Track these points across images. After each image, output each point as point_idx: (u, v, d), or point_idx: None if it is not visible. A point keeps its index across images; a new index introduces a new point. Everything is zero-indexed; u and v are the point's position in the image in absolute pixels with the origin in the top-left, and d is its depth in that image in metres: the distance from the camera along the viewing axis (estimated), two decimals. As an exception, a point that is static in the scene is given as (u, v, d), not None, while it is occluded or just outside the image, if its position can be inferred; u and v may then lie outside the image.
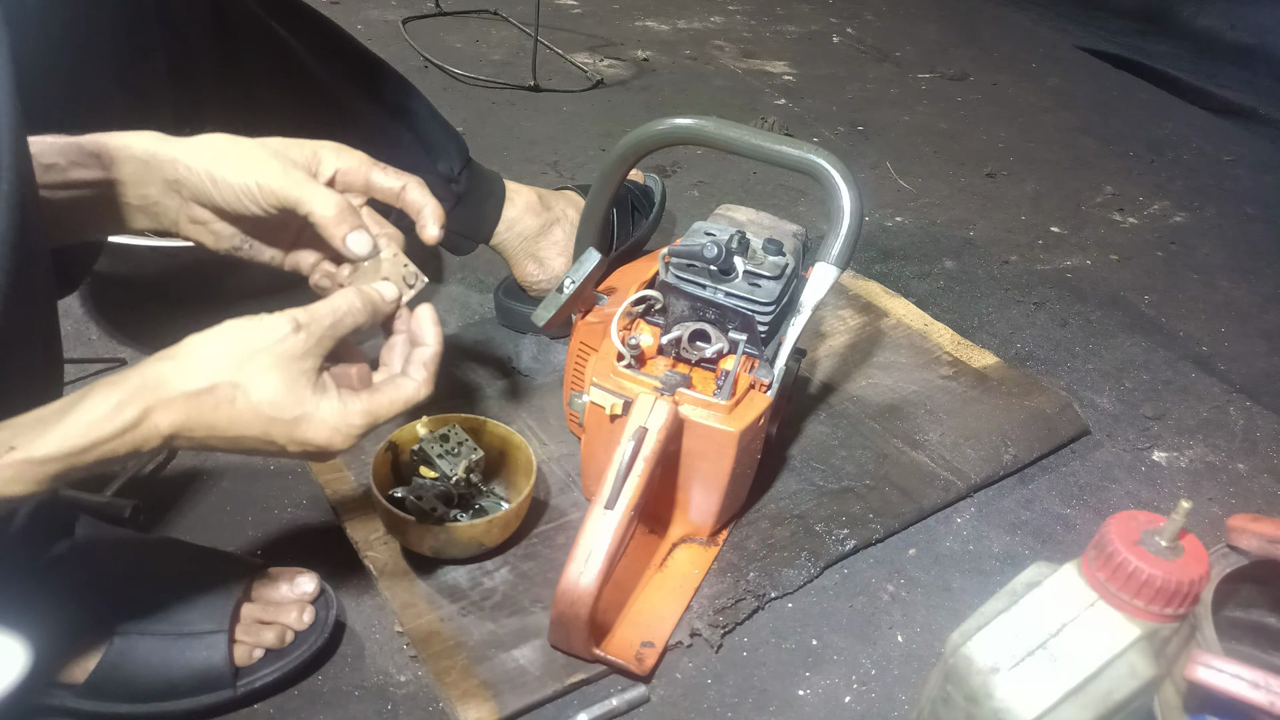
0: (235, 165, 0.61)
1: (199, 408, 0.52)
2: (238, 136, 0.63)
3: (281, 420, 0.54)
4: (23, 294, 0.48)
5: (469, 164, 1.04)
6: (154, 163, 0.61)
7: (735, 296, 0.78)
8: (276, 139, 0.64)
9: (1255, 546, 0.61)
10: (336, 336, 0.58)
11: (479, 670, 0.71)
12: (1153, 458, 1.03)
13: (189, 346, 0.54)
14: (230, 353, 0.53)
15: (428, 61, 1.82)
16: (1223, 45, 2.65)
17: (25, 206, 0.46)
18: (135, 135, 0.61)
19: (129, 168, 0.61)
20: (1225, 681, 0.52)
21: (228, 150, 0.62)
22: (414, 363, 0.63)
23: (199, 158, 0.61)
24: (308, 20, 0.95)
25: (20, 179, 0.45)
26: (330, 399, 0.56)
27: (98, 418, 0.49)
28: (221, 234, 0.65)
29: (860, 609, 0.82)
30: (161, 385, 0.51)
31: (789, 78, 2.04)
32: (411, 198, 0.69)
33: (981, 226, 1.50)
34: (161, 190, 0.62)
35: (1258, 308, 1.36)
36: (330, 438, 0.56)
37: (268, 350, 0.54)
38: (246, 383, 0.53)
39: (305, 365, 0.55)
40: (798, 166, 0.79)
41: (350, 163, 0.67)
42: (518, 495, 0.81)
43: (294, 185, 0.62)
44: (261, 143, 0.63)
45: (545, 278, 1.08)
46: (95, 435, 0.48)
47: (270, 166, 0.62)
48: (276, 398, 0.54)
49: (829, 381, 1.05)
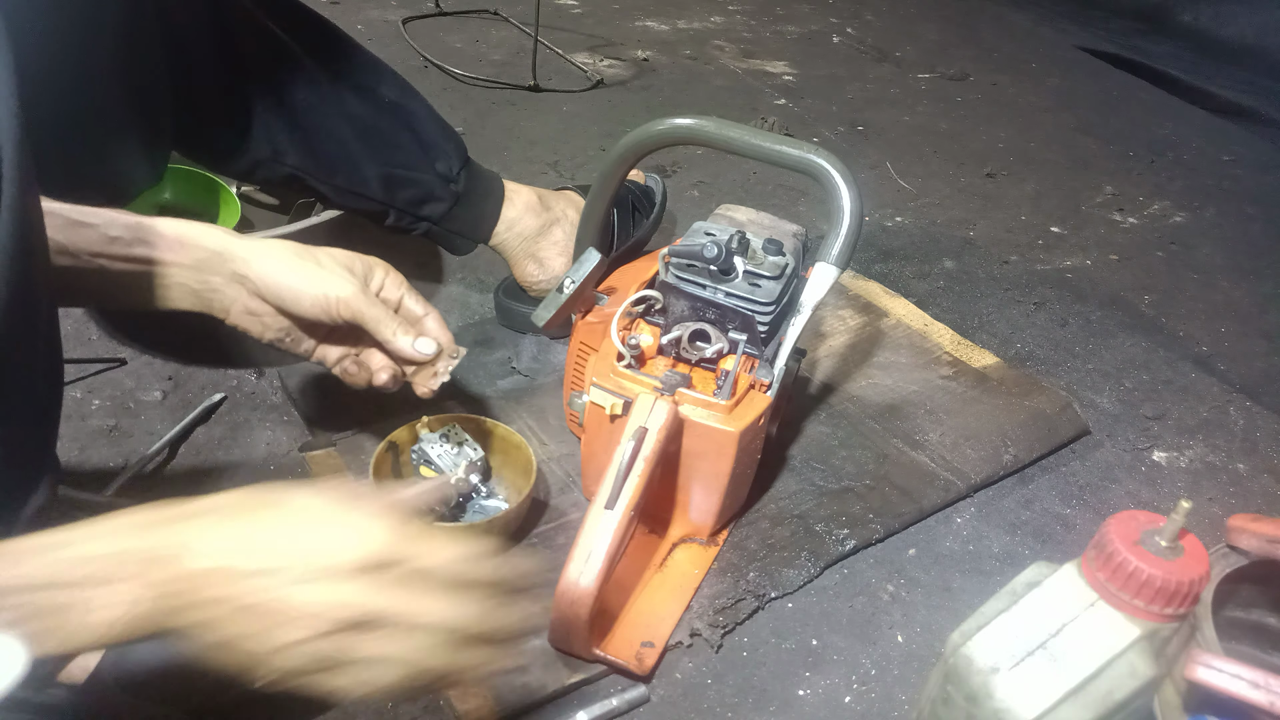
0: (309, 276, 0.67)
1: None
2: (305, 245, 0.69)
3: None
4: (24, 302, 0.48)
5: (468, 164, 1.04)
6: (226, 255, 0.66)
7: (735, 296, 0.78)
8: (339, 251, 0.70)
9: (1255, 546, 0.61)
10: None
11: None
12: (1153, 458, 1.03)
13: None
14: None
15: (428, 61, 1.82)
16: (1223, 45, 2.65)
17: (27, 217, 0.46)
18: (208, 229, 0.66)
19: (198, 255, 0.66)
20: (1225, 681, 0.52)
21: (301, 260, 0.67)
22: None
23: (274, 262, 0.67)
24: (305, 20, 0.95)
25: (22, 189, 0.45)
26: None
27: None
28: (270, 326, 0.70)
29: (860, 609, 0.82)
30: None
31: (789, 78, 2.04)
32: (427, 328, 0.75)
33: (981, 226, 1.50)
34: (226, 281, 0.67)
35: (1258, 308, 1.36)
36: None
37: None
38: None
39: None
40: (798, 166, 0.79)
41: (394, 281, 0.74)
42: (518, 495, 0.81)
43: (368, 305, 0.69)
44: (330, 254, 0.69)
45: (545, 278, 1.08)
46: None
47: (344, 283, 0.68)
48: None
49: (829, 381, 1.05)
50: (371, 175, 0.98)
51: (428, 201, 1.02)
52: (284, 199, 1.26)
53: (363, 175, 0.98)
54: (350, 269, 0.70)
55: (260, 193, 1.29)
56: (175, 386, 0.98)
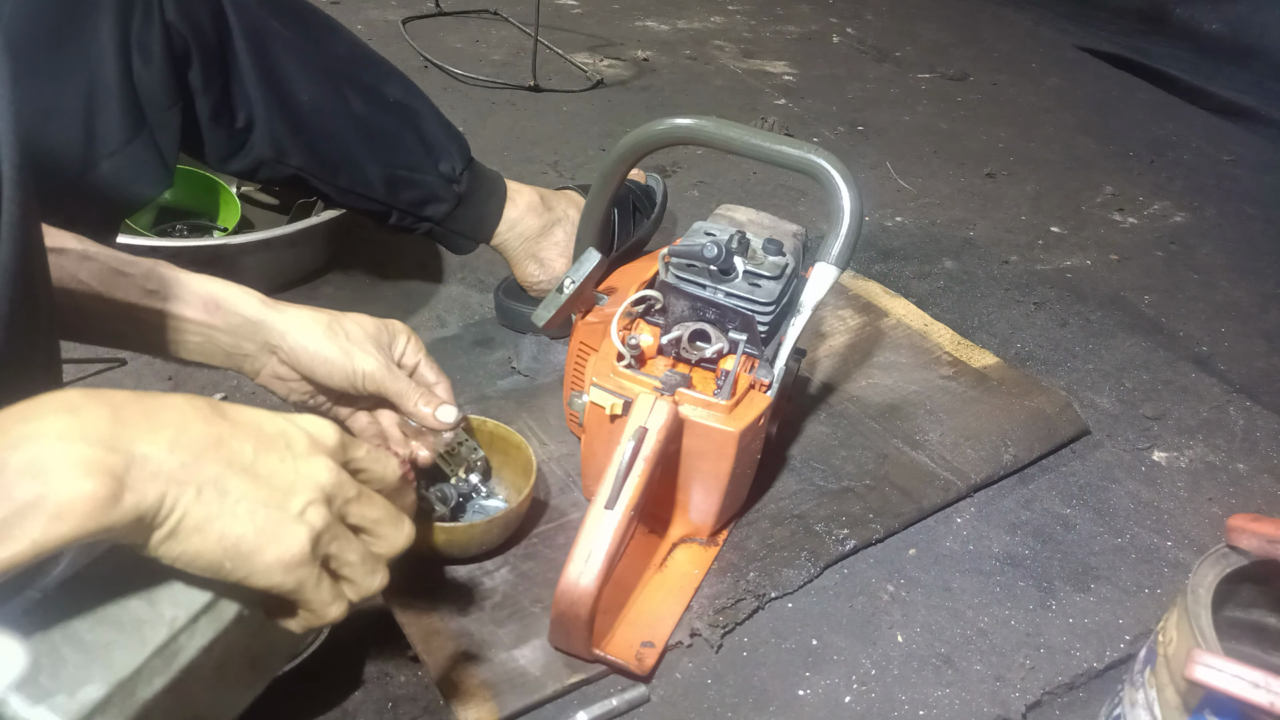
0: (338, 351, 0.70)
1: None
2: (334, 317, 0.71)
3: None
4: (25, 320, 0.48)
5: (471, 164, 1.04)
6: (261, 326, 0.69)
7: (735, 296, 0.78)
8: (366, 319, 0.73)
9: (1255, 546, 0.61)
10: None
11: (479, 670, 0.72)
12: (1153, 458, 1.03)
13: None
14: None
15: (428, 61, 1.82)
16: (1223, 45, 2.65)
17: (28, 234, 0.46)
18: (243, 294, 0.69)
19: (233, 321, 0.68)
20: (1225, 681, 0.52)
21: (332, 335, 0.70)
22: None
23: (306, 337, 0.69)
24: (311, 20, 0.95)
25: (22, 207, 0.45)
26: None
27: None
28: (296, 390, 0.73)
29: (860, 609, 0.82)
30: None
31: (789, 78, 2.04)
32: (439, 392, 0.77)
33: (981, 226, 1.50)
34: (259, 348, 0.70)
35: (1258, 308, 1.36)
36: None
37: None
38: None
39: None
40: (798, 166, 0.80)
41: (414, 347, 0.76)
42: (518, 495, 0.81)
43: (393, 380, 0.71)
44: (358, 323, 0.72)
45: (546, 278, 1.08)
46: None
47: (370, 359, 0.71)
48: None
49: (829, 381, 1.05)
50: (375, 176, 0.99)
51: (430, 202, 1.02)
52: (286, 199, 1.26)
53: (366, 176, 0.98)
54: (377, 341, 0.73)
55: (261, 192, 1.29)
56: (175, 387, 0.98)
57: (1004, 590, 0.85)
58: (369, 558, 0.49)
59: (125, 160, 0.82)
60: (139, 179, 0.84)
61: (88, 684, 0.40)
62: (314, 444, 0.47)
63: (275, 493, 0.44)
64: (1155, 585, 0.87)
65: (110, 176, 0.81)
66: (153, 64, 0.81)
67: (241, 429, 0.45)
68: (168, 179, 0.86)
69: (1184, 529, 0.94)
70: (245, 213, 1.23)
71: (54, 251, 0.61)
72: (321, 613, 0.48)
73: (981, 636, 0.80)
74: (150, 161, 0.84)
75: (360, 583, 0.49)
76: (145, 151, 0.83)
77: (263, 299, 0.70)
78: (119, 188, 0.83)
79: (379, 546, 0.50)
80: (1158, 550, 0.91)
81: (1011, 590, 0.85)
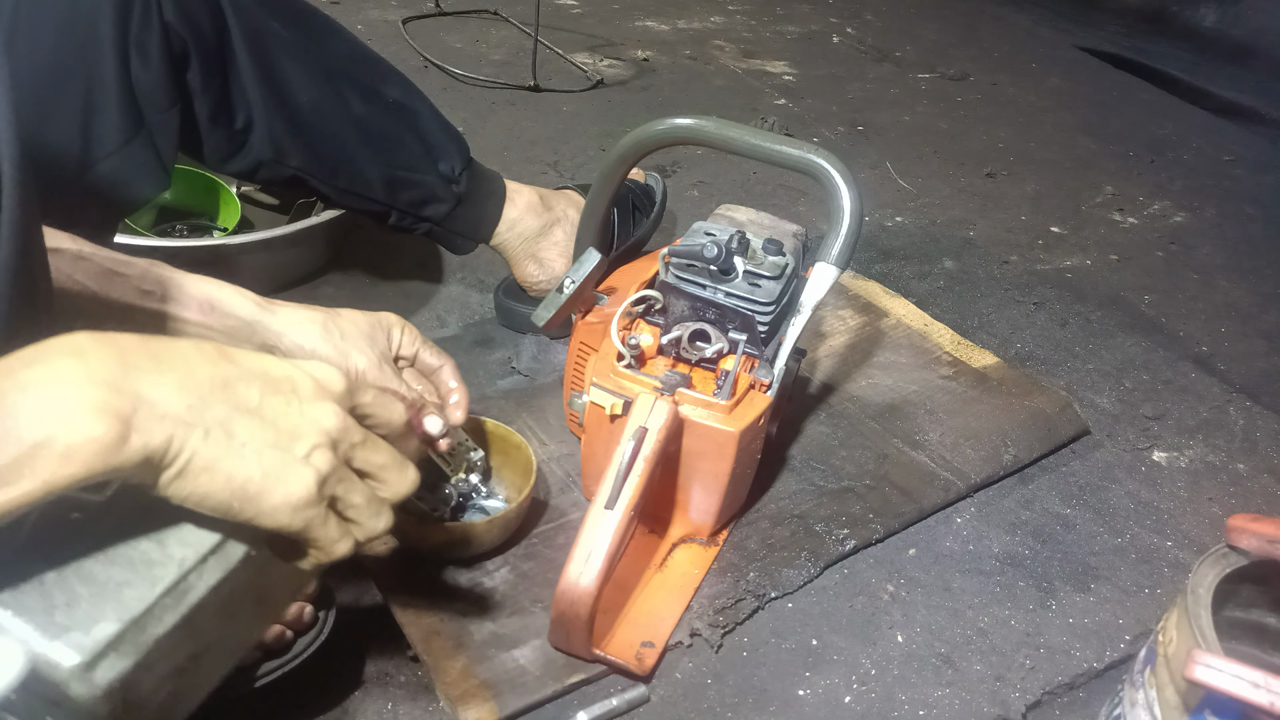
0: (334, 349, 0.71)
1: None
2: (329, 316, 0.72)
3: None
4: (26, 318, 0.48)
5: (470, 164, 1.04)
6: (259, 327, 0.70)
7: (735, 296, 0.78)
8: (360, 316, 0.74)
9: (1255, 546, 0.61)
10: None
11: (479, 670, 0.72)
12: (1153, 458, 1.03)
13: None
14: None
15: (428, 61, 1.82)
16: (1223, 45, 2.65)
17: (28, 233, 0.46)
18: (239, 296, 0.70)
19: (230, 323, 0.69)
20: (1225, 681, 0.52)
21: (327, 335, 0.71)
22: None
23: (302, 336, 0.70)
24: (310, 20, 0.95)
25: (22, 206, 0.45)
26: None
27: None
28: None
29: (860, 609, 0.82)
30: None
31: (789, 78, 2.04)
32: (444, 378, 0.79)
33: (981, 226, 1.50)
34: (256, 349, 0.70)
35: (1258, 308, 1.36)
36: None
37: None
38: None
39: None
40: (798, 166, 0.80)
41: (410, 337, 0.77)
42: (518, 495, 0.81)
43: (384, 380, 0.72)
44: (353, 322, 0.73)
45: (545, 278, 1.08)
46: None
47: (364, 356, 0.72)
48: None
49: (829, 381, 1.05)
50: (374, 176, 0.99)
51: (430, 202, 1.02)
52: (285, 199, 1.26)
53: (365, 176, 0.98)
54: (371, 338, 0.74)
55: (261, 192, 1.29)
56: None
57: (1004, 590, 0.85)
58: (374, 500, 0.50)
59: (123, 161, 0.82)
60: (136, 180, 0.84)
61: (101, 620, 0.41)
62: (320, 389, 0.47)
63: (282, 435, 0.45)
64: (1155, 585, 0.87)
65: (108, 177, 0.81)
66: (151, 65, 0.81)
67: (248, 372, 0.45)
68: (165, 180, 0.86)
69: (1184, 529, 0.94)
70: (245, 213, 1.23)
71: (49, 252, 0.61)
72: (329, 549, 0.48)
73: (981, 636, 0.80)
74: (148, 163, 0.84)
75: (365, 524, 0.50)
76: (143, 152, 0.83)
77: (258, 300, 0.71)
78: (116, 188, 0.83)
79: (383, 491, 0.51)
80: (1158, 550, 0.91)
81: (1011, 590, 0.85)
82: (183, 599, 0.44)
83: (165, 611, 0.43)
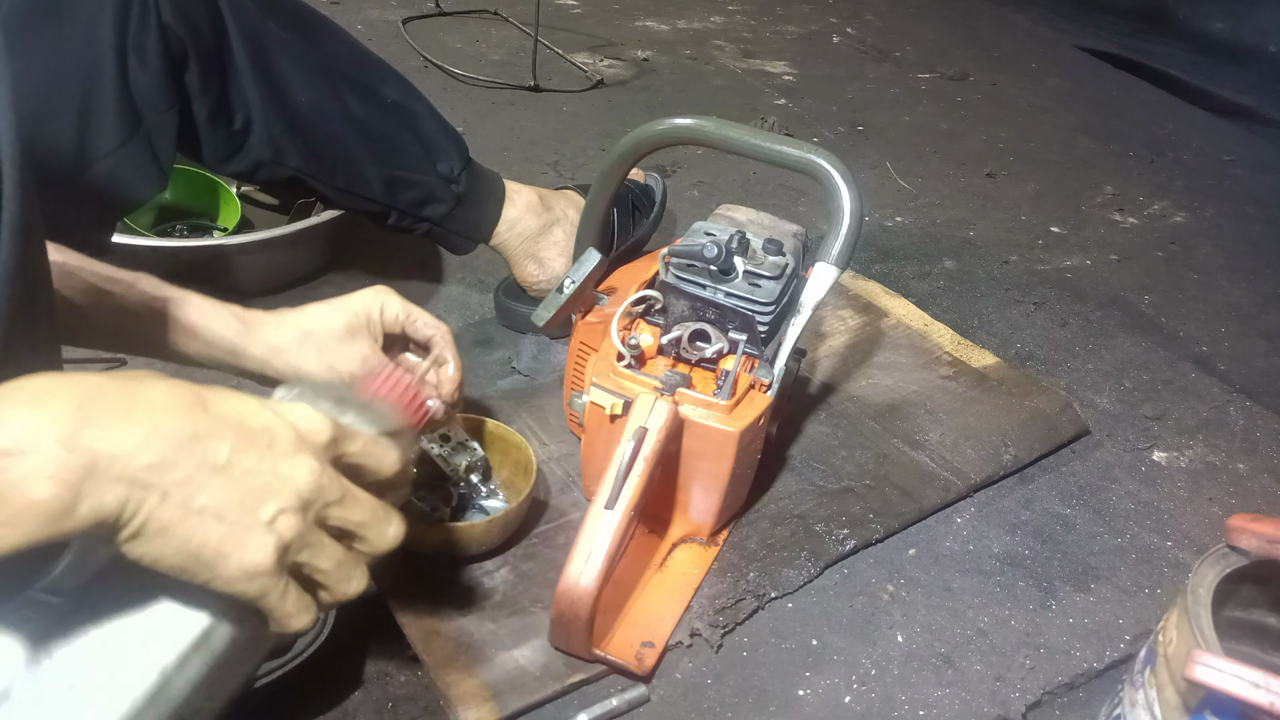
0: (320, 365, 0.72)
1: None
2: (302, 333, 0.73)
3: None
4: (26, 319, 0.48)
5: (469, 164, 1.04)
6: (243, 356, 0.72)
7: (735, 296, 0.78)
8: (335, 315, 0.74)
9: (1255, 546, 0.61)
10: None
11: (479, 670, 0.71)
12: (1153, 458, 1.03)
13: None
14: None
15: (428, 61, 1.82)
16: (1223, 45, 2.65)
17: (29, 234, 0.46)
18: (222, 325, 0.71)
19: (215, 353, 0.71)
20: (1225, 681, 0.52)
21: (304, 352, 0.72)
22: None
23: (286, 359, 0.72)
24: (308, 21, 0.95)
25: (23, 206, 0.45)
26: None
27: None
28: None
29: (860, 609, 0.82)
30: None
31: (789, 78, 2.04)
32: (437, 343, 0.78)
33: (981, 226, 1.50)
34: (241, 373, 0.73)
35: (1258, 308, 1.36)
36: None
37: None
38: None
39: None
40: (798, 166, 0.79)
41: (393, 307, 0.77)
42: (518, 495, 0.81)
43: (373, 368, 0.72)
44: (328, 328, 0.73)
45: (545, 278, 1.08)
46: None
47: (349, 359, 0.73)
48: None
49: (829, 381, 1.05)
50: (373, 177, 0.99)
51: (429, 202, 1.02)
52: (285, 199, 1.26)
53: (364, 177, 0.98)
54: (351, 332, 0.74)
55: (260, 193, 1.29)
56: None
57: (1004, 590, 0.85)
58: (345, 563, 0.48)
59: (120, 162, 0.82)
60: (133, 181, 0.84)
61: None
62: (299, 441, 0.45)
63: (248, 496, 0.43)
64: (1155, 585, 0.87)
65: (104, 177, 0.81)
66: (149, 66, 0.81)
67: (221, 423, 0.43)
68: (162, 181, 0.86)
69: (1184, 529, 0.94)
70: (245, 213, 1.23)
71: None
72: (284, 623, 0.46)
73: (981, 636, 0.80)
74: (145, 163, 0.84)
75: (334, 588, 0.48)
76: (140, 153, 0.83)
77: (240, 322, 0.72)
78: (113, 189, 0.83)
79: (362, 547, 0.49)
80: (1158, 550, 0.91)
81: (1011, 590, 0.85)
82: (163, 698, 0.43)
83: (143, 716, 0.43)
